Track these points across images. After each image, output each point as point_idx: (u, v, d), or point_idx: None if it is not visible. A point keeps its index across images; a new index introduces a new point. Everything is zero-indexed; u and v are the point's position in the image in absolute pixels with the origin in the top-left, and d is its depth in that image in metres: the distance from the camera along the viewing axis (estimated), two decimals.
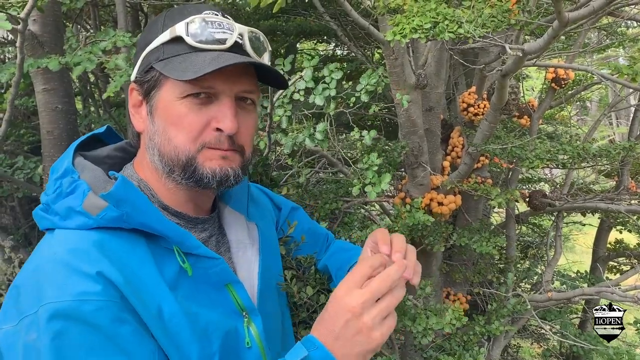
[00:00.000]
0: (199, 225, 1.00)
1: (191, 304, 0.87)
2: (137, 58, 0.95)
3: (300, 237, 1.32)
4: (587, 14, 1.39)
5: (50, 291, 0.76)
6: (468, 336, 2.70)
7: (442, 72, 2.82)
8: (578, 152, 2.67)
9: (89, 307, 0.75)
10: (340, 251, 1.32)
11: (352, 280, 0.83)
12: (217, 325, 0.90)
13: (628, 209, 2.98)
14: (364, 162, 1.97)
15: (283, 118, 1.96)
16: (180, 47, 0.89)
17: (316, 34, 4.35)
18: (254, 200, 1.17)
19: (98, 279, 0.77)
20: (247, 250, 1.07)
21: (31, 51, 2.10)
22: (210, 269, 0.92)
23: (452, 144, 3.11)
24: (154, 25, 0.94)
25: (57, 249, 0.81)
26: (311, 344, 0.83)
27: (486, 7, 1.50)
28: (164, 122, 0.91)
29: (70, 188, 0.86)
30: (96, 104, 3.41)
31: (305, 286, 1.22)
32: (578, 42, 3.14)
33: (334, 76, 1.91)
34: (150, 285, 0.83)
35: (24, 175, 2.64)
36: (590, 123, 6.66)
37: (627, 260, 4.29)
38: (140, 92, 0.94)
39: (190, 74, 0.84)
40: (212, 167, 0.91)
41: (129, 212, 0.83)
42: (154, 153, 0.93)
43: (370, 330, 0.81)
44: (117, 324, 0.76)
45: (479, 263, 3.46)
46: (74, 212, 0.84)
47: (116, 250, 0.82)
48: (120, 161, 1.02)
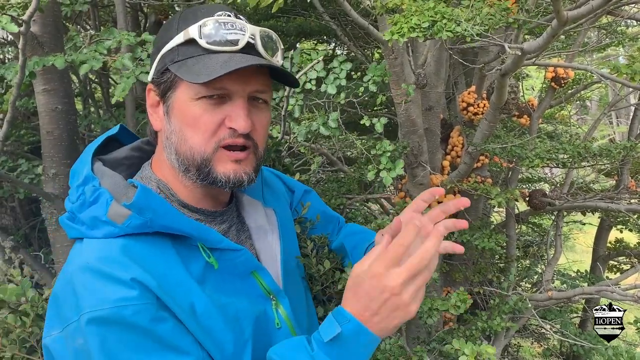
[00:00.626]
0: (217, 217, 1.04)
1: (220, 295, 0.92)
2: (154, 59, 0.97)
3: (314, 217, 1.37)
4: (586, 12, 1.39)
5: (90, 300, 0.80)
6: (470, 331, 2.71)
7: (442, 71, 2.82)
8: (578, 151, 2.67)
9: (129, 311, 0.79)
10: (355, 232, 1.37)
11: (390, 258, 0.83)
12: (247, 312, 0.94)
13: (628, 208, 2.97)
14: (377, 149, 2.04)
15: (295, 107, 2.05)
16: (193, 49, 0.92)
17: (316, 34, 4.36)
18: (269, 185, 1.21)
19: (133, 285, 0.81)
20: (268, 235, 1.11)
21: (31, 51, 2.10)
22: (236, 259, 0.96)
23: (452, 143, 3.11)
24: (169, 26, 0.96)
25: (88, 258, 0.85)
26: (343, 317, 0.84)
27: (485, 6, 1.50)
28: (180, 122, 0.93)
29: (94, 197, 0.89)
30: (96, 105, 3.41)
31: (321, 262, 1.27)
32: (577, 41, 3.13)
33: (343, 67, 2.00)
34: (180, 284, 0.87)
35: (29, 180, 2.65)
36: (590, 122, 6.67)
37: (627, 260, 4.29)
38: (157, 93, 0.97)
39: (204, 77, 0.87)
40: (226, 173, 0.94)
41: (152, 218, 0.87)
42: (171, 152, 0.96)
43: (408, 305, 0.83)
44: (156, 323, 0.81)
45: (479, 262, 3.46)
46: (100, 221, 0.87)
47: (143, 255, 0.86)
48: (138, 161, 1.06)
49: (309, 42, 5.44)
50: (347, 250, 1.32)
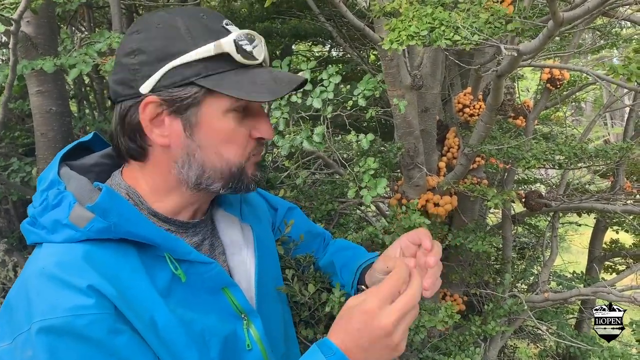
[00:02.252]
0: (190, 229, 0.99)
1: (186, 310, 0.87)
2: (154, 69, 0.87)
3: (298, 236, 1.33)
4: (582, 14, 1.39)
5: (42, 307, 0.75)
6: (464, 336, 2.70)
7: (438, 73, 2.82)
8: (575, 152, 2.67)
9: (83, 321, 0.74)
10: (344, 249, 1.34)
11: (384, 295, 0.82)
12: (214, 330, 0.89)
13: (624, 209, 2.98)
14: (361, 166, 1.97)
15: (280, 120, 1.95)
16: (224, 63, 0.88)
17: (312, 36, 4.36)
18: (248, 202, 1.17)
19: (90, 293, 0.76)
20: (242, 251, 1.06)
21: (25, 53, 2.09)
22: (205, 273, 0.91)
23: (448, 144, 3.11)
24: (172, 36, 0.87)
25: (45, 263, 0.80)
26: (328, 348, 0.81)
27: (482, 10, 1.50)
28: (211, 139, 0.90)
29: (56, 200, 0.84)
30: (91, 106, 3.40)
31: (306, 285, 1.23)
32: (573, 43, 3.14)
33: (332, 80, 1.90)
34: (141, 296, 0.82)
35: (20, 179, 2.62)
36: (585, 123, 6.69)
37: (623, 260, 4.29)
38: (166, 107, 0.88)
39: (267, 95, 0.87)
40: (254, 174, 0.97)
41: (117, 222, 0.82)
42: (191, 167, 0.91)
43: (398, 345, 0.82)
44: (113, 335, 0.76)
45: (475, 264, 3.46)
46: (60, 225, 0.83)
47: (105, 262, 0.81)
48: (109, 168, 1.01)
49: (304, 44, 5.44)
50: (336, 268, 1.28)
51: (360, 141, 1.99)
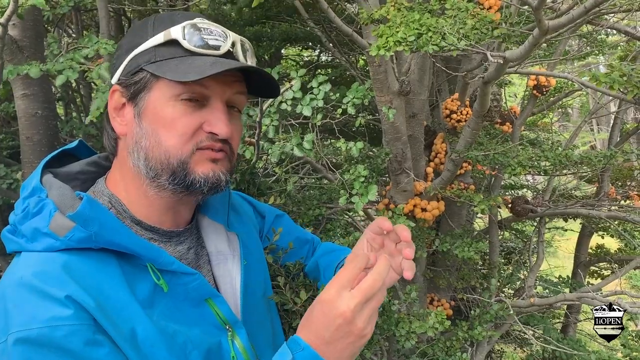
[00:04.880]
0: (174, 238, 0.97)
1: (168, 322, 0.85)
2: (121, 61, 0.92)
3: (287, 244, 1.30)
4: (566, 22, 1.41)
5: (19, 318, 0.73)
6: (451, 342, 2.71)
7: (425, 79, 2.83)
8: (560, 159, 2.70)
9: (61, 332, 0.73)
10: (329, 252, 1.32)
11: (341, 282, 0.80)
12: (198, 342, 0.87)
13: (609, 214, 3.01)
14: (351, 173, 1.97)
15: (270, 127, 1.95)
16: (174, 50, 0.88)
17: (301, 40, 4.36)
18: (235, 209, 1.15)
19: (68, 303, 0.75)
20: (228, 261, 1.04)
21: (10, 56, 2.07)
22: (188, 284, 0.89)
23: (436, 150, 3.13)
24: (141, 28, 0.92)
25: (23, 272, 0.78)
26: (296, 344, 0.81)
27: (468, 17, 1.52)
28: (153, 124, 0.88)
29: (37, 208, 0.83)
30: (78, 110, 3.37)
31: (297, 292, 1.20)
32: (559, 50, 3.18)
33: (322, 88, 1.90)
34: (121, 307, 0.80)
35: (7, 185, 2.59)
36: (571, 129, 6.75)
37: (608, 265, 4.34)
38: (125, 94, 0.91)
39: (193, 75, 0.82)
40: (205, 172, 0.89)
41: (97, 232, 0.80)
42: (139, 157, 0.89)
43: (362, 331, 0.79)
44: (91, 347, 0.74)
45: (462, 269, 3.48)
46: (40, 233, 0.81)
47: (85, 272, 0.80)
48: (94, 176, 0.99)
49: (294, 49, 5.44)
50: (320, 270, 1.27)
51: (351, 149, 2.00)
